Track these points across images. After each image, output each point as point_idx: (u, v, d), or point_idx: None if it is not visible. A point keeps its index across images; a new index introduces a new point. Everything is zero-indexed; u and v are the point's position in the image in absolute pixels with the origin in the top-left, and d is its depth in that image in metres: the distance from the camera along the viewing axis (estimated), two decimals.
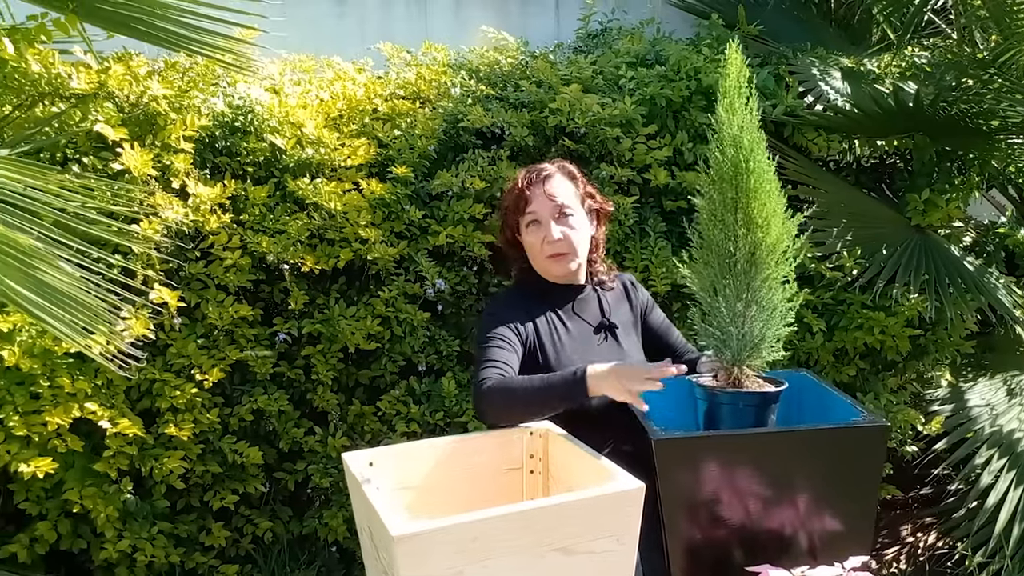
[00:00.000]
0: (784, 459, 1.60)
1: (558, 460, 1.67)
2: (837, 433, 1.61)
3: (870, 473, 1.64)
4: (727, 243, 1.67)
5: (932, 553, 3.56)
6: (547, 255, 2.06)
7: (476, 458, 1.68)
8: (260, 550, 3.10)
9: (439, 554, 1.25)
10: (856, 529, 1.64)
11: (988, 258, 3.75)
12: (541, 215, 2.06)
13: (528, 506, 1.33)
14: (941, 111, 3.32)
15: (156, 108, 2.80)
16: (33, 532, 2.68)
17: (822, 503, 1.62)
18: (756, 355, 1.68)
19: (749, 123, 1.66)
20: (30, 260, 1.84)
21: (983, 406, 3.54)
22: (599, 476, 1.47)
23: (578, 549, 1.35)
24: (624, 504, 1.37)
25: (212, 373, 2.72)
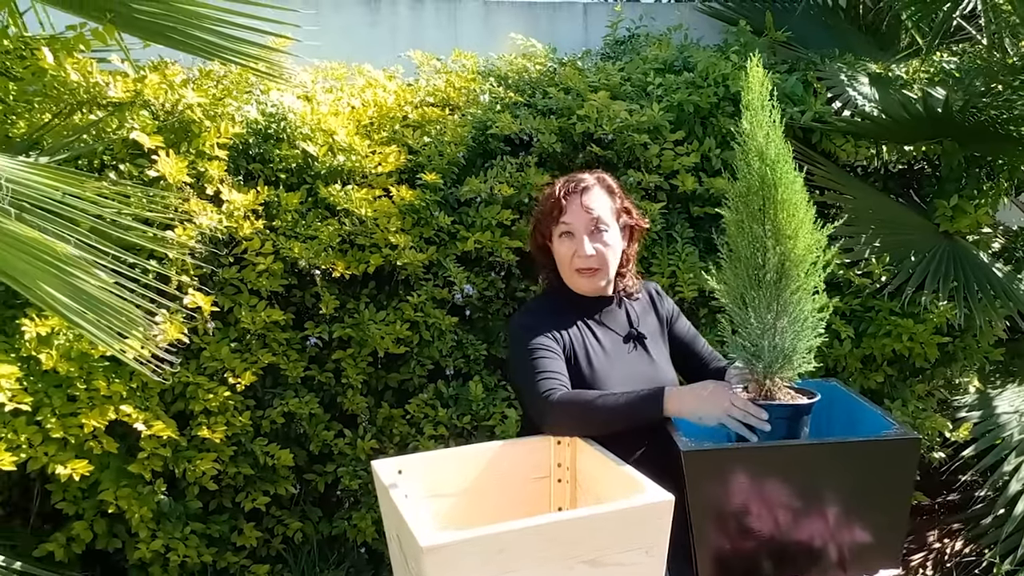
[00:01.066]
0: (814, 471, 1.56)
1: (586, 469, 1.65)
2: (868, 446, 1.57)
3: (901, 485, 1.60)
4: (756, 255, 1.64)
5: (959, 560, 3.49)
6: (576, 268, 2.00)
7: (504, 466, 1.66)
8: (290, 550, 3.10)
9: (467, 564, 1.23)
10: (886, 541, 1.61)
11: (1017, 264, 3.68)
12: (575, 227, 2.00)
13: (556, 518, 1.31)
14: (971, 117, 3.26)
15: (191, 116, 2.81)
16: (70, 532, 2.69)
17: (852, 515, 1.58)
18: (788, 367, 1.65)
19: (774, 134, 1.62)
20: (67, 267, 1.85)
21: (1012, 413, 3.46)
22: (628, 487, 1.45)
23: (606, 561, 1.33)
24: (654, 516, 1.34)
25: (244, 376, 2.72)
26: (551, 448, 1.68)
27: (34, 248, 1.82)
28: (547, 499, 1.68)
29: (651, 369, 1.99)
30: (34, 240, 1.81)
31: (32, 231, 1.85)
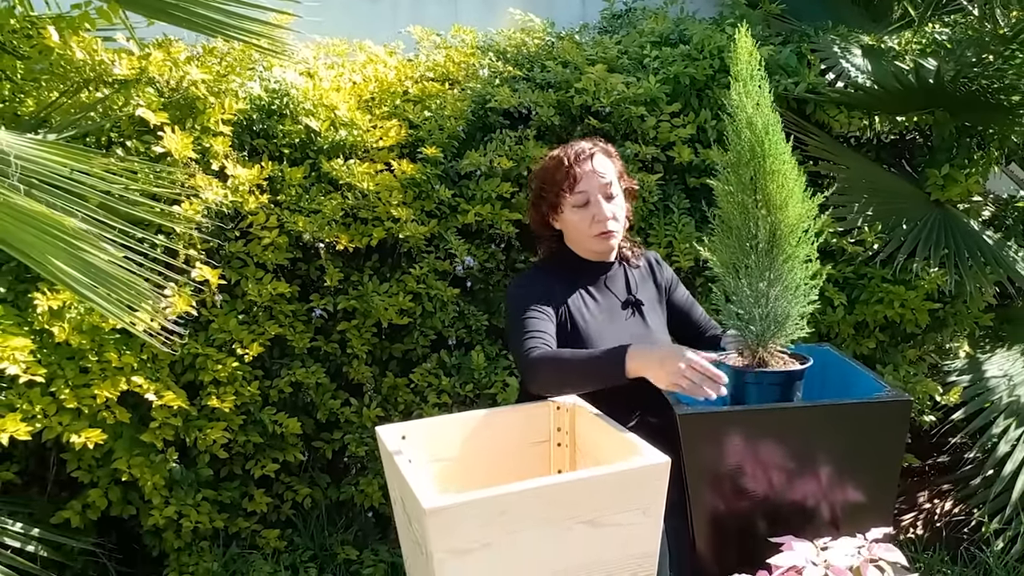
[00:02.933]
0: (807, 433, 1.56)
1: (585, 433, 1.65)
2: (860, 407, 1.57)
3: (892, 447, 1.61)
4: (747, 225, 1.63)
5: (949, 520, 3.51)
6: (595, 233, 2.01)
7: (505, 431, 1.66)
8: (300, 515, 3.11)
9: (469, 526, 1.24)
10: (877, 501, 1.61)
11: (1007, 232, 3.67)
12: (592, 193, 2.00)
13: (556, 480, 1.32)
14: (962, 87, 3.23)
15: (195, 92, 2.79)
16: (85, 499, 2.70)
17: (844, 476, 1.58)
18: (781, 334, 1.64)
19: (763, 104, 1.60)
20: (76, 241, 1.84)
21: (1000, 377, 3.46)
22: (625, 450, 1.45)
23: (605, 521, 1.33)
24: (650, 478, 1.35)
25: (252, 348, 2.72)
26: (551, 413, 1.68)
27: (43, 222, 1.82)
28: (547, 463, 1.68)
29: (646, 334, 1.99)
30: (42, 214, 1.81)
31: (40, 205, 1.84)
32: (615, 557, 1.36)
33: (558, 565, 1.32)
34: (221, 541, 2.93)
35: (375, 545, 3.14)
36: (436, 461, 1.61)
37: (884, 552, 1.42)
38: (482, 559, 1.26)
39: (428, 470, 1.59)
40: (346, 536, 3.15)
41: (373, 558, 3.08)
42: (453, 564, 1.24)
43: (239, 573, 2.91)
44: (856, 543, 1.44)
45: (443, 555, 1.23)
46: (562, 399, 1.70)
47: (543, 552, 1.30)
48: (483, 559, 1.26)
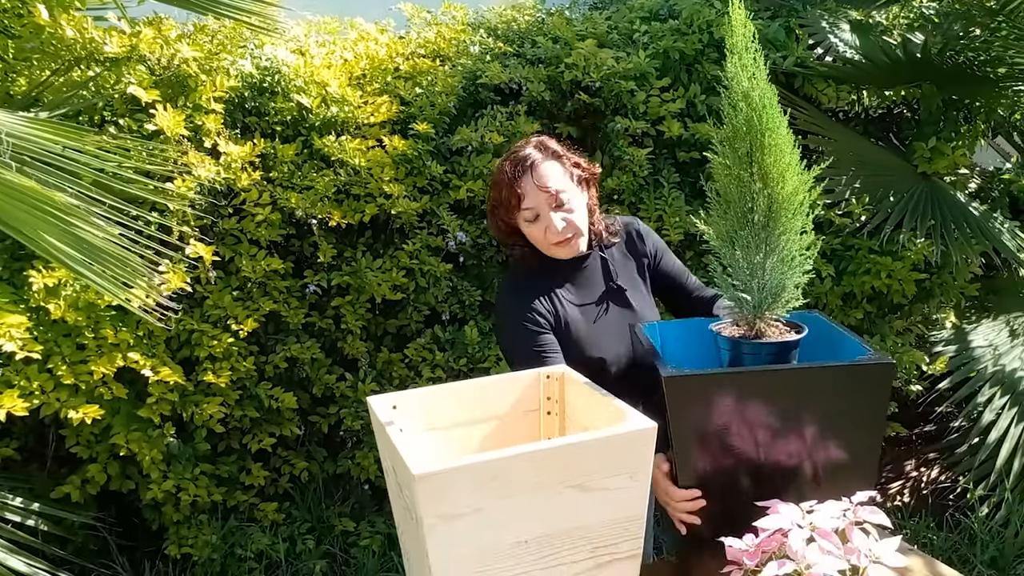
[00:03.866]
0: (792, 395, 1.56)
1: (574, 402, 1.65)
2: (845, 370, 1.57)
3: (876, 409, 1.60)
4: (744, 198, 1.61)
5: (934, 487, 3.53)
6: (552, 243, 1.93)
7: (495, 401, 1.65)
8: (297, 488, 3.13)
9: (459, 491, 1.24)
10: (862, 462, 1.61)
11: (993, 204, 3.67)
12: (540, 208, 1.90)
13: (545, 446, 1.31)
14: (948, 60, 3.22)
15: (187, 70, 2.77)
16: (84, 474, 2.71)
17: (830, 438, 1.58)
18: (777, 304, 1.64)
19: (759, 77, 1.58)
20: (67, 217, 1.83)
21: (986, 346, 3.48)
22: (613, 416, 1.45)
23: (593, 486, 1.33)
24: (637, 443, 1.34)
25: (247, 323, 2.72)
26: (541, 383, 1.68)
27: (33, 198, 1.80)
28: (537, 431, 1.68)
29: (633, 319, 1.98)
30: (32, 190, 1.79)
31: (30, 181, 1.83)
32: (604, 521, 1.36)
33: (548, 529, 1.32)
34: (220, 514, 2.94)
35: (372, 517, 3.16)
36: (427, 430, 1.61)
37: (869, 515, 1.42)
38: (472, 523, 1.26)
39: (420, 439, 1.59)
40: (343, 508, 3.16)
41: (370, 530, 3.10)
42: (443, 529, 1.24)
43: (238, 545, 2.93)
44: (841, 506, 1.45)
45: (433, 520, 1.23)
46: (551, 368, 1.69)
47: (533, 516, 1.30)
48: (473, 523, 1.26)
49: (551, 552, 1.33)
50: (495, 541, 1.29)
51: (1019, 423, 3.23)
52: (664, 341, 1.80)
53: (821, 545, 1.35)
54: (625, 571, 1.41)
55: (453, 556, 1.26)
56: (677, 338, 1.84)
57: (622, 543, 1.38)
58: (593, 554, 1.37)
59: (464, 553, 1.27)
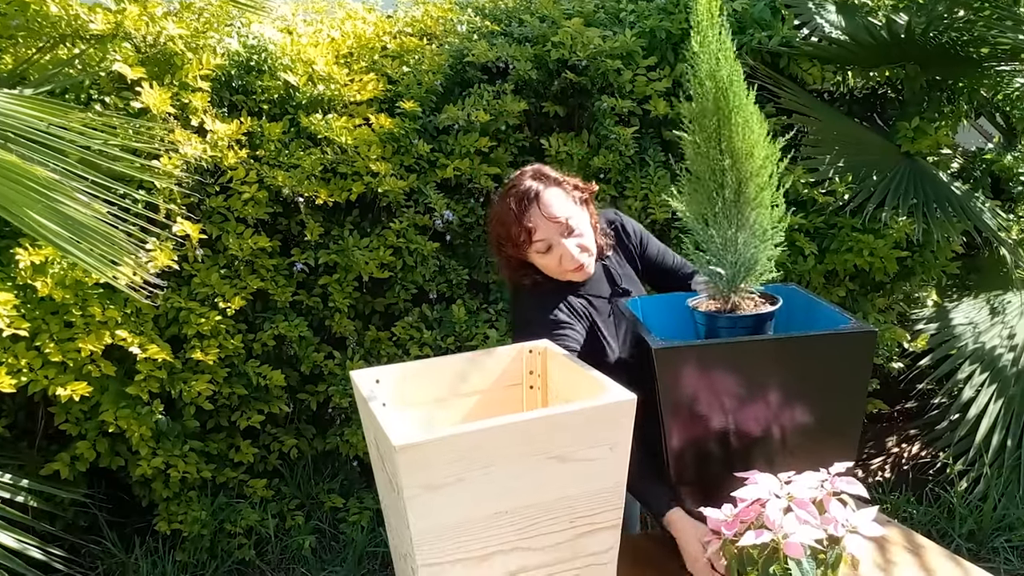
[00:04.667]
0: (777, 365, 1.57)
1: (556, 376, 1.65)
2: (827, 339, 1.58)
3: (858, 377, 1.61)
4: (714, 175, 1.61)
5: (915, 463, 3.56)
6: (568, 269, 1.90)
7: (479, 375, 1.66)
8: (287, 465, 3.13)
9: (440, 462, 1.24)
10: (844, 431, 1.62)
11: (975, 183, 3.67)
12: (552, 239, 1.88)
13: (526, 417, 1.31)
14: (932, 40, 3.21)
15: (173, 48, 2.74)
16: (73, 451, 2.70)
17: (813, 407, 1.59)
18: (751, 278, 1.64)
19: (725, 54, 1.57)
20: (51, 193, 1.81)
21: (967, 324, 3.50)
22: (594, 389, 1.45)
23: (573, 456, 1.33)
24: (617, 414, 1.35)
25: (234, 301, 2.71)
26: (523, 357, 1.68)
27: (16, 173, 1.78)
28: (520, 405, 1.68)
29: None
30: (14, 164, 1.77)
31: (12, 156, 1.81)
32: (584, 491, 1.36)
33: (529, 499, 1.33)
34: (209, 491, 2.94)
35: (360, 493, 3.17)
36: (410, 404, 1.61)
37: (846, 485, 1.43)
38: (453, 494, 1.26)
39: (402, 413, 1.59)
40: (332, 485, 3.17)
41: (358, 506, 3.10)
42: (424, 499, 1.24)
43: (227, 521, 2.93)
44: (819, 477, 1.45)
45: (414, 490, 1.23)
46: (534, 343, 1.69)
47: (513, 487, 1.31)
48: (454, 494, 1.26)
49: (532, 522, 1.34)
50: (476, 511, 1.29)
51: (998, 400, 3.25)
52: (645, 316, 1.80)
53: (798, 515, 1.36)
54: (605, 541, 1.42)
55: (434, 526, 1.27)
56: (658, 313, 1.84)
57: (602, 513, 1.39)
58: (573, 524, 1.38)
59: (445, 523, 1.28)
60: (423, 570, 1.27)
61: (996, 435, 3.19)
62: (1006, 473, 3.13)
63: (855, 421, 1.64)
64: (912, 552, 1.75)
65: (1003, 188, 3.79)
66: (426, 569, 1.27)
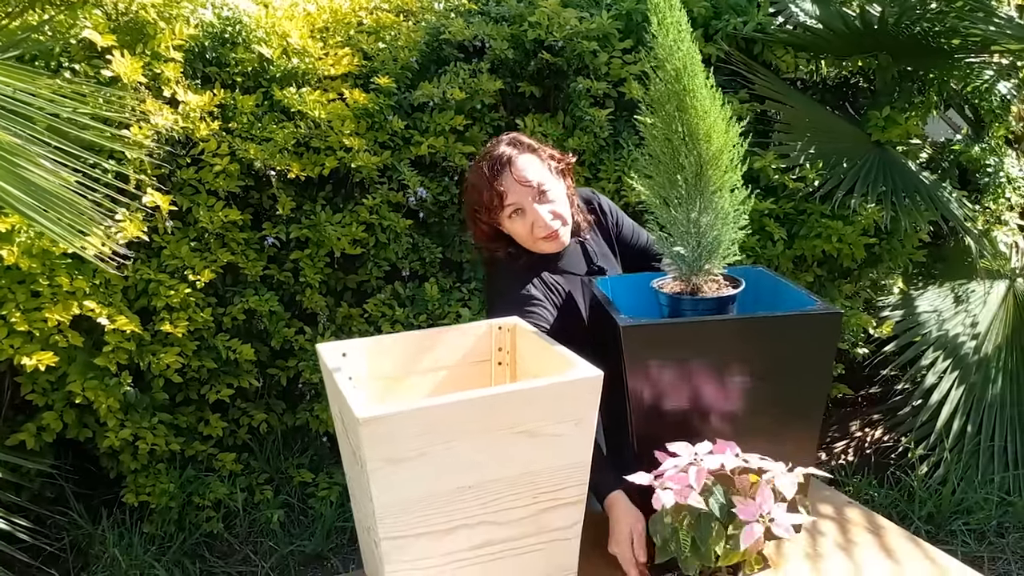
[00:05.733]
0: (742, 345, 1.57)
1: (525, 353, 1.63)
2: (793, 319, 1.57)
3: (823, 359, 1.61)
4: (674, 157, 1.60)
5: (877, 447, 3.59)
6: (539, 237, 1.88)
7: (447, 351, 1.64)
8: (256, 440, 3.10)
9: (403, 435, 1.22)
10: (808, 410, 1.62)
11: (943, 173, 3.69)
12: (523, 203, 1.85)
13: (491, 392, 1.29)
14: (904, 30, 3.21)
15: (145, 17, 2.67)
16: (40, 422, 2.65)
17: (777, 388, 1.59)
18: (714, 259, 1.64)
19: (682, 38, 1.55)
20: (13, 158, 1.76)
21: (931, 312, 3.52)
22: (562, 366, 1.44)
23: (538, 432, 1.32)
24: (582, 391, 1.33)
25: (204, 274, 2.66)
26: (492, 333, 1.66)
27: None
28: (489, 381, 1.66)
29: None
30: None
31: None
32: (548, 467, 1.35)
33: (492, 474, 1.31)
34: (178, 464, 2.90)
35: (330, 469, 3.14)
36: (378, 379, 1.58)
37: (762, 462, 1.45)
38: (417, 467, 1.24)
39: (369, 387, 1.57)
40: (301, 460, 3.14)
41: (328, 481, 3.08)
42: (387, 472, 1.23)
43: (196, 494, 2.90)
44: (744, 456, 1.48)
45: (377, 464, 1.21)
46: (503, 320, 1.67)
47: (477, 461, 1.29)
48: (418, 467, 1.24)
49: (495, 497, 1.33)
50: (439, 485, 1.28)
51: (959, 386, 3.29)
52: (615, 295, 1.79)
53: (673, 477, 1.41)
54: (569, 516, 1.41)
55: (397, 499, 1.25)
56: (627, 292, 1.83)
57: (566, 488, 1.38)
58: (537, 499, 1.36)
59: (408, 497, 1.26)
60: (385, 543, 1.25)
61: (957, 421, 3.23)
62: (965, 458, 3.16)
63: (819, 403, 1.64)
64: (872, 532, 1.76)
65: (970, 179, 3.81)
66: (388, 542, 1.26)
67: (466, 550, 1.32)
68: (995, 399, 3.24)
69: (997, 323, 3.43)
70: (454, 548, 1.32)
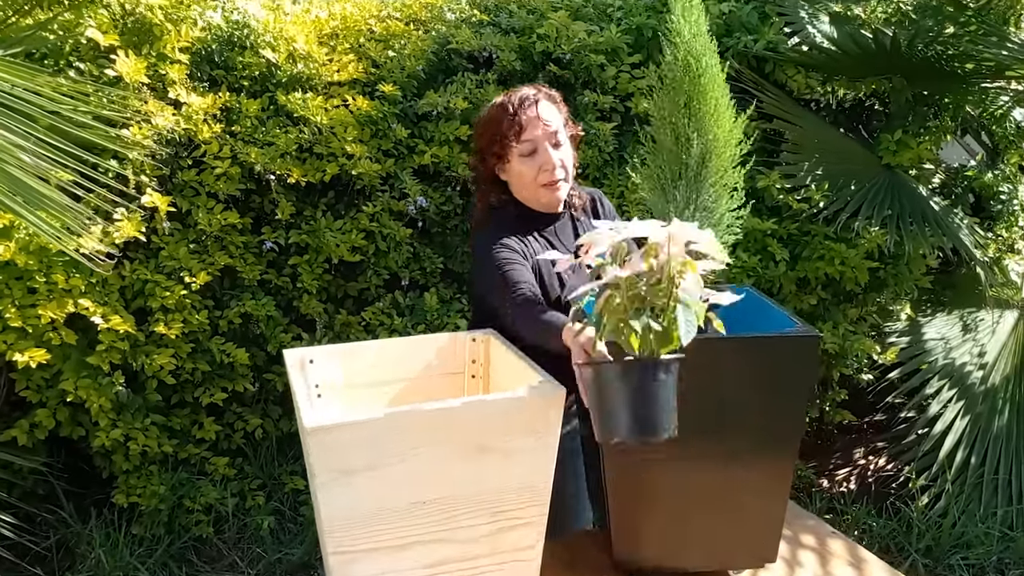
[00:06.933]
0: (722, 365, 1.50)
1: (498, 366, 1.58)
2: (772, 341, 1.52)
3: (802, 380, 1.56)
4: (679, 147, 1.57)
5: (879, 475, 3.49)
6: (543, 183, 1.89)
7: (420, 361, 1.59)
8: (251, 445, 3.05)
9: (354, 447, 1.17)
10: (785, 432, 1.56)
11: (955, 199, 3.59)
12: (538, 142, 1.88)
13: (448, 404, 1.24)
14: (918, 53, 3.13)
15: (151, 18, 2.66)
16: (33, 419, 2.63)
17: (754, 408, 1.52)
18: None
19: (699, 31, 1.54)
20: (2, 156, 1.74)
21: (938, 339, 3.42)
22: (529, 380, 1.38)
23: (497, 448, 1.26)
24: (544, 407, 1.27)
25: (200, 276, 2.63)
26: (467, 345, 1.61)
27: None
28: (461, 393, 1.61)
29: None
30: None
31: None
32: (507, 485, 1.29)
33: (448, 491, 1.26)
34: (170, 466, 2.87)
35: None
36: (347, 387, 1.54)
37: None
38: (368, 481, 1.19)
39: (337, 395, 1.52)
40: (295, 467, 3.09)
41: None
42: (337, 485, 1.18)
43: (187, 497, 2.86)
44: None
45: (326, 475, 1.16)
46: (478, 332, 1.62)
47: (433, 477, 1.24)
48: (369, 481, 1.19)
49: (451, 514, 1.27)
50: (392, 501, 1.22)
51: (964, 416, 3.18)
52: None
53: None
54: (528, 537, 1.34)
55: (347, 513, 1.20)
56: None
57: (526, 508, 1.32)
58: (495, 518, 1.30)
59: (359, 510, 1.21)
60: (333, 558, 1.20)
61: (960, 452, 3.12)
62: (967, 491, 3.05)
63: (797, 421, 1.58)
64: (853, 566, 1.68)
65: (984, 206, 3.72)
66: (336, 557, 1.20)
67: (420, 568, 1.27)
68: (1001, 431, 3.13)
69: (1006, 353, 3.33)
70: (407, 566, 1.26)
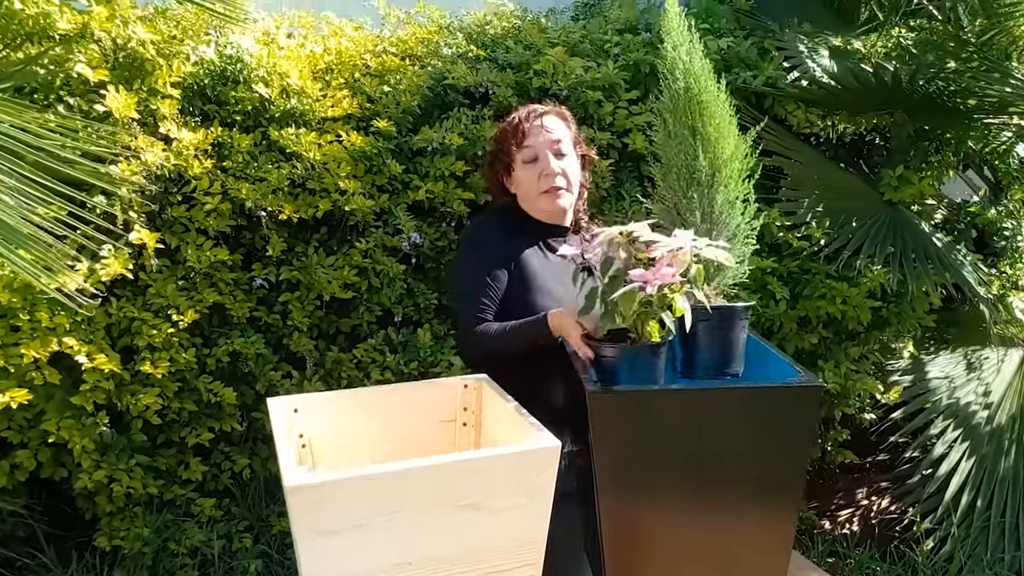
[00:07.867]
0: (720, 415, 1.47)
1: (490, 414, 1.53)
2: (773, 391, 1.48)
3: (804, 431, 1.53)
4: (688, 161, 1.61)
5: (883, 517, 3.42)
6: (542, 190, 1.97)
7: (409, 409, 1.54)
8: (238, 485, 2.99)
9: (337, 506, 1.12)
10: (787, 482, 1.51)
11: (958, 236, 3.56)
12: (539, 149, 1.98)
13: (436, 461, 1.19)
14: (920, 88, 3.12)
15: (143, 53, 2.65)
16: (13, 460, 2.57)
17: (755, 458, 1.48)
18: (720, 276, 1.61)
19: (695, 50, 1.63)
20: None
21: (942, 378, 3.38)
22: (524, 432, 1.34)
23: (488, 506, 1.21)
24: (537, 462, 1.23)
25: (187, 314, 2.59)
26: (458, 392, 1.57)
27: None
28: (452, 443, 1.56)
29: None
30: None
31: None
32: (498, 545, 1.25)
33: (436, 550, 1.21)
34: (155, 507, 2.81)
35: None
36: (335, 436, 1.49)
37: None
38: (351, 541, 1.14)
39: (324, 446, 1.47)
40: (283, 508, 3.01)
41: None
42: (318, 545, 1.13)
43: (172, 540, 2.79)
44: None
45: (307, 535, 1.12)
46: (471, 378, 1.58)
47: (419, 536, 1.19)
48: (353, 541, 1.15)
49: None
50: (377, 561, 1.17)
51: (970, 457, 3.13)
52: None
53: None
54: None
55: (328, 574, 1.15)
56: None
57: (517, 569, 1.27)
58: None
59: (341, 572, 1.16)
60: None
61: (966, 494, 3.07)
62: (974, 535, 3.00)
63: (799, 471, 1.54)
64: None
65: (987, 242, 3.69)
66: None
67: None
68: (1007, 472, 3.08)
69: (1011, 392, 3.28)
70: None
